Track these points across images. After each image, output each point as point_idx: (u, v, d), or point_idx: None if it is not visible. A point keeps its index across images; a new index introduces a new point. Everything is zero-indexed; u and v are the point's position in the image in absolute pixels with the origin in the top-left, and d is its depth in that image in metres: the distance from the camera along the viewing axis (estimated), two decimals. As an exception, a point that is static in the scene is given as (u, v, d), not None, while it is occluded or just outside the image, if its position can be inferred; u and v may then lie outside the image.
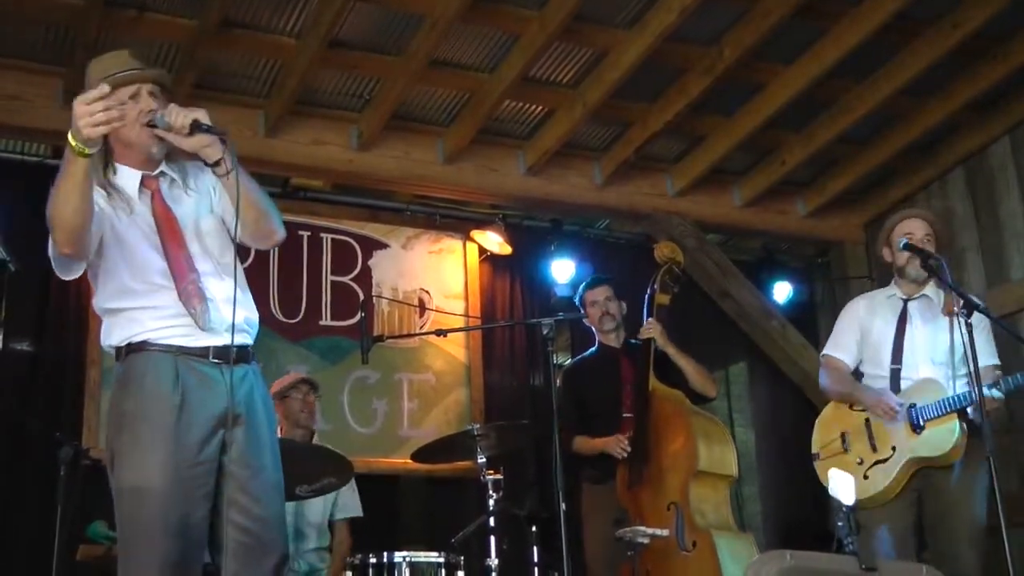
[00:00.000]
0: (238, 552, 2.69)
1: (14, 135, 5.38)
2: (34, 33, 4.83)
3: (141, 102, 2.77)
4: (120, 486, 2.66)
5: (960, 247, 6.11)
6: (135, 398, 2.69)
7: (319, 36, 4.76)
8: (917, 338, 4.02)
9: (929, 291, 4.08)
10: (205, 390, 2.72)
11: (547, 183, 6.05)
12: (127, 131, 2.76)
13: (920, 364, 3.97)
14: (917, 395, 3.91)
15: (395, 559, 3.83)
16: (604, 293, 4.94)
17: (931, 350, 3.98)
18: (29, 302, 5.20)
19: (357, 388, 5.99)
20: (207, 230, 2.87)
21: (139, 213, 2.80)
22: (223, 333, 2.74)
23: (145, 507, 2.61)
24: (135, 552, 2.63)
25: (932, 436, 3.82)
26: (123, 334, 2.75)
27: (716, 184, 6.41)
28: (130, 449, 2.65)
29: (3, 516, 4.93)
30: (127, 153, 2.78)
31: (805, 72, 5.27)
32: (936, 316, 4.03)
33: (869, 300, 4.24)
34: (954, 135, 6.08)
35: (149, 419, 2.66)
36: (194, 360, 2.73)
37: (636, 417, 4.57)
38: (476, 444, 4.14)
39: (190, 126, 2.67)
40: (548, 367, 4.18)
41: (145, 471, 2.62)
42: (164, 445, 2.64)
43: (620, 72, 5.13)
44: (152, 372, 2.70)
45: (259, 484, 2.74)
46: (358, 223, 6.29)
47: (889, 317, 4.10)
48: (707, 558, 4.16)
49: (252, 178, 2.80)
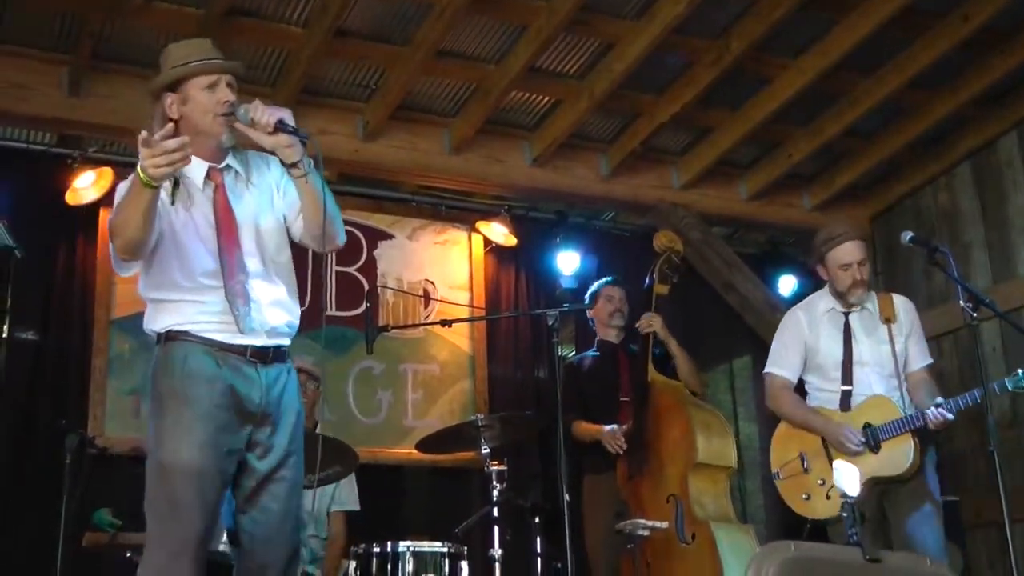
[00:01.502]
0: (252, 544, 2.77)
1: (20, 123, 5.38)
2: (40, 21, 4.82)
3: (219, 92, 2.79)
4: (161, 463, 2.69)
5: (966, 241, 6.10)
6: (178, 380, 2.72)
7: (325, 25, 4.75)
8: (863, 354, 4.04)
9: (867, 302, 4.11)
10: (241, 383, 2.76)
11: (553, 174, 6.04)
12: (200, 120, 2.78)
13: (871, 382, 4.01)
14: (871, 413, 3.95)
15: (399, 549, 3.84)
16: (622, 293, 5.10)
17: (877, 364, 4.03)
18: (35, 290, 5.22)
19: (362, 378, 6.00)
20: (265, 228, 2.89)
21: (199, 206, 2.82)
22: (262, 334, 2.79)
23: (184, 485, 2.65)
24: (170, 528, 2.65)
25: (890, 456, 3.88)
26: (166, 322, 2.78)
27: (722, 177, 6.39)
28: (172, 429, 2.69)
29: (10, 504, 4.94)
30: (196, 141, 2.75)
31: (812, 65, 5.25)
32: (876, 326, 4.07)
33: (808, 313, 4.19)
34: (962, 129, 6.05)
35: (191, 401, 2.70)
36: (232, 356, 2.77)
37: (635, 407, 4.62)
38: (480, 435, 4.16)
39: (275, 125, 2.70)
40: (553, 358, 4.20)
41: (187, 451, 2.66)
42: (204, 427, 2.68)
43: (627, 63, 5.12)
44: (193, 357, 2.74)
45: (279, 483, 2.80)
46: (363, 213, 6.28)
47: (833, 333, 4.11)
48: (707, 550, 4.18)
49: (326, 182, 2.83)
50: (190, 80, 2.79)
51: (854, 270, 4.04)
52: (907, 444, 3.87)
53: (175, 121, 2.78)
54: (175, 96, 2.80)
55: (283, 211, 2.93)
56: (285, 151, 2.77)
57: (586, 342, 5.39)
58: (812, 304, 4.23)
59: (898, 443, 3.87)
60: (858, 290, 4.05)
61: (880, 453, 3.89)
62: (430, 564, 3.86)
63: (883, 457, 3.89)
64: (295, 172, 2.79)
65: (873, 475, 3.85)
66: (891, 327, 4.04)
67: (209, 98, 2.78)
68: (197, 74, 2.78)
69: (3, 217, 2.48)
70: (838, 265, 4.06)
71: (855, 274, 4.04)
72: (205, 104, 2.77)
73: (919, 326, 4.12)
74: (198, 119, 2.78)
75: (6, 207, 2.85)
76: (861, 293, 4.06)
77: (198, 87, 2.79)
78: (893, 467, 3.87)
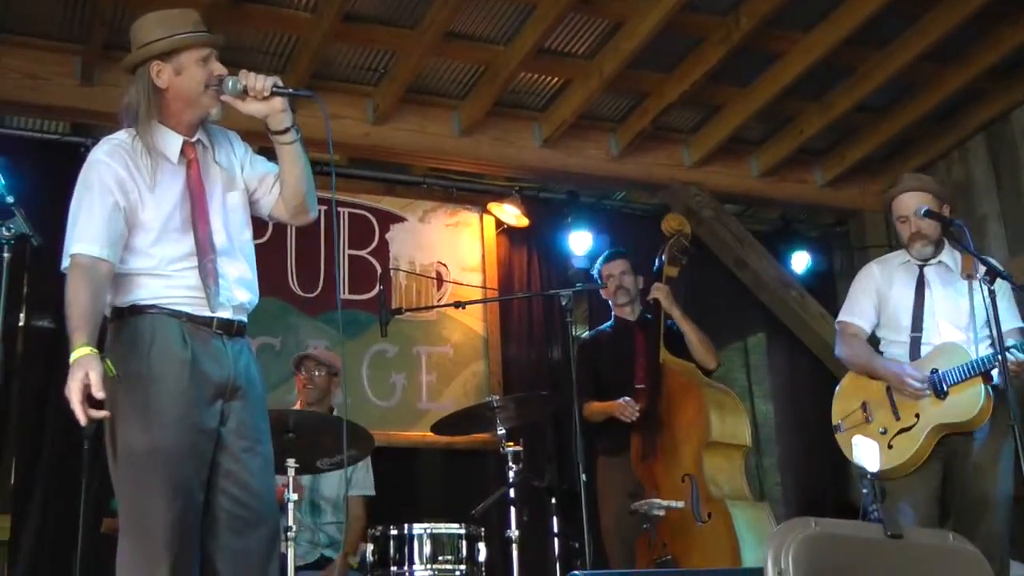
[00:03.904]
0: (231, 523, 2.70)
1: (33, 113, 5.41)
2: (51, 11, 4.83)
3: (211, 65, 2.76)
4: (130, 446, 2.61)
5: (981, 215, 6.07)
6: (145, 358, 2.65)
7: (333, 10, 4.75)
8: (937, 304, 3.92)
9: (945, 257, 4.00)
10: (209, 357, 2.72)
11: (563, 155, 6.03)
12: (194, 91, 2.75)
13: (941, 330, 3.88)
14: (939, 360, 3.81)
15: (417, 531, 3.86)
16: (620, 267, 4.96)
17: (952, 315, 3.90)
18: (51, 278, 5.19)
19: (376, 362, 6.02)
20: (232, 205, 2.86)
21: (172, 180, 2.77)
22: (229, 308, 2.76)
23: (158, 467, 2.58)
24: (145, 513, 2.58)
25: (957, 402, 3.72)
26: (130, 296, 2.72)
27: (733, 154, 6.37)
28: (141, 409, 2.62)
29: (29, 490, 4.99)
30: (183, 111, 2.76)
31: (823, 40, 5.22)
32: (955, 281, 3.95)
33: (884, 265, 4.12)
34: (975, 102, 6.01)
35: (161, 379, 2.64)
36: (201, 329, 2.73)
37: (648, 389, 4.59)
38: (495, 416, 4.16)
39: (271, 89, 2.71)
40: (566, 338, 4.20)
41: (158, 431, 2.60)
42: (176, 405, 2.63)
43: (636, 42, 5.10)
44: (160, 333, 2.68)
45: (254, 457, 2.75)
46: (375, 197, 6.29)
47: (907, 282, 4.00)
48: (723, 528, 4.18)
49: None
50: (184, 51, 2.74)
51: (911, 222, 3.93)
52: (977, 388, 3.69)
53: (162, 91, 2.74)
54: (166, 65, 2.74)
55: (251, 186, 2.91)
56: (278, 116, 2.77)
57: (599, 322, 5.37)
58: (888, 258, 4.15)
59: (966, 387, 3.70)
60: (916, 243, 3.95)
61: (947, 399, 3.73)
62: (447, 546, 3.87)
63: (950, 403, 3.73)
64: (284, 138, 2.79)
65: (939, 421, 3.71)
66: (972, 283, 3.85)
67: (203, 70, 2.74)
68: (192, 46, 2.75)
69: (20, 206, 2.48)
70: (896, 217, 4.00)
71: (911, 226, 3.93)
72: (199, 76, 2.74)
73: (1009, 291, 3.91)
74: (192, 90, 2.74)
75: (22, 196, 2.86)
76: (920, 247, 3.94)
77: (192, 59, 2.74)
78: (960, 413, 3.70)
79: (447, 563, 3.85)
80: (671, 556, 4.29)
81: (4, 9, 4.79)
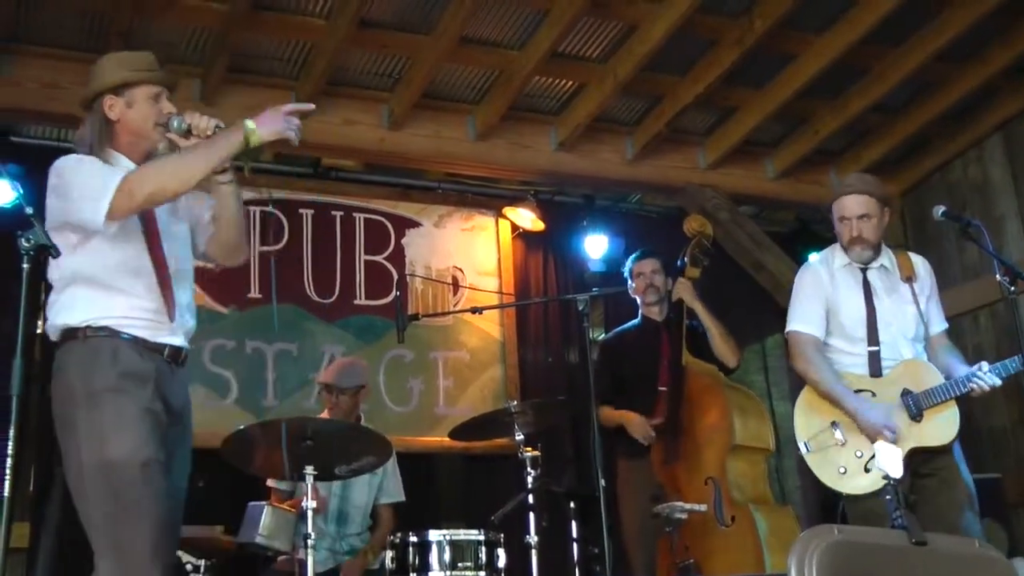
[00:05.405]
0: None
1: (51, 122, 5.44)
2: (69, 21, 4.86)
3: (162, 104, 2.92)
4: (107, 460, 2.64)
5: (998, 214, 6.03)
6: (110, 374, 2.72)
7: (348, 16, 4.76)
8: (887, 314, 3.82)
9: (884, 259, 3.92)
10: (165, 381, 2.82)
11: (578, 158, 6.02)
12: (142, 125, 2.89)
13: (898, 344, 3.80)
14: (905, 380, 3.72)
15: (435, 537, 3.85)
16: (651, 266, 4.96)
17: (904, 326, 3.82)
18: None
19: (392, 367, 6.03)
20: (176, 234, 2.98)
21: None
22: (180, 335, 2.88)
23: (137, 477, 2.63)
24: (130, 522, 2.62)
25: (934, 426, 3.66)
26: (86, 315, 2.77)
27: (749, 156, 6.36)
28: (114, 423, 2.66)
29: (47, 498, 5.01)
30: (133, 142, 2.92)
31: (837, 40, 5.20)
32: (896, 285, 3.88)
33: (826, 266, 3.94)
34: (991, 100, 5.98)
35: (130, 392, 2.71)
36: (155, 355, 2.81)
37: (671, 392, 4.57)
38: (514, 421, 4.15)
39: (213, 129, 2.80)
40: (584, 342, 4.17)
41: (132, 442, 2.65)
42: (146, 418, 2.71)
43: (650, 45, 5.09)
44: (122, 349, 2.76)
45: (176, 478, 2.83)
46: (390, 202, 6.31)
47: (853, 288, 3.87)
48: (747, 532, 4.16)
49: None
50: (137, 87, 2.90)
51: (852, 224, 3.85)
52: (951, 411, 3.66)
53: (113, 123, 2.89)
54: (118, 99, 2.89)
55: (191, 222, 3.03)
56: None
57: (615, 325, 5.35)
58: (828, 258, 3.98)
59: (941, 410, 3.65)
60: (856, 246, 3.86)
61: (923, 422, 3.65)
62: (467, 552, 3.85)
63: (927, 426, 3.65)
64: (223, 178, 2.88)
65: (917, 444, 3.62)
66: (913, 286, 3.84)
67: (153, 107, 2.90)
68: (146, 82, 2.91)
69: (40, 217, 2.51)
70: (838, 217, 3.90)
71: (852, 229, 3.85)
72: (148, 112, 2.90)
73: (936, 287, 3.93)
74: (140, 124, 2.90)
75: (41, 206, 2.88)
76: (859, 250, 3.85)
77: (144, 95, 2.90)
78: (938, 436, 3.64)
79: (466, 569, 3.83)
80: (693, 560, 4.26)
81: (23, 19, 4.81)
